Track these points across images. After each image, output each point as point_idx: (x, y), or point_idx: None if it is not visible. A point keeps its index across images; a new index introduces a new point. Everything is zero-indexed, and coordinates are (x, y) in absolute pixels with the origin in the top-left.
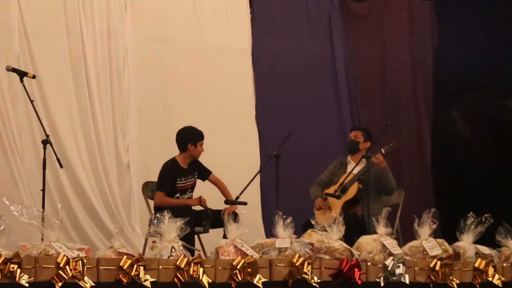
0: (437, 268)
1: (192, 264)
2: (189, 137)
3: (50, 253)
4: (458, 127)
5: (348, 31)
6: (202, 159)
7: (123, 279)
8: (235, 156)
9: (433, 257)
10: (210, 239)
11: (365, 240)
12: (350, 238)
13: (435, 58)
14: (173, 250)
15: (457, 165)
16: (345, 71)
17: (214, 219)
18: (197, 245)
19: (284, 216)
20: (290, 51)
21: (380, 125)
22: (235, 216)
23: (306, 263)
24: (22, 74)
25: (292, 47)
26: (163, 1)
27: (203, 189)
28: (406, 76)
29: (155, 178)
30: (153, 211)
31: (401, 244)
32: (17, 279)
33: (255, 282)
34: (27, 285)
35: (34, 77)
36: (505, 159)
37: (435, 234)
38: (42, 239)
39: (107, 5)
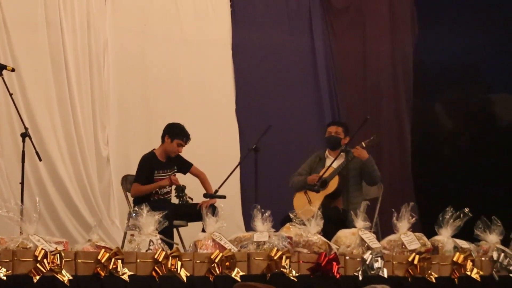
0: (416, 262)
1: (170, 257)
2: (170, 131)
3: (28, 247)
4: (439, 121)
5: (328, 24)
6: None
7: (101, 272)
8: (214, 149)
9: (412, 251)
10: (189, 232)
11: (343, 234)
12: (330, 232)
13: (416, 51)
14: (151, 243)
15: (438, 159)
16: (325, 64)
17: (193, 212)
18: (176, 238)
19: (263, 210)
20: (270, 43)
21: (360, 118)
22: (213, 210)
23: (284, 257)
24: (1, 67)
25: (272, 40)
26: None
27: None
28: (387, 69)
29: (134, 171)
30: (132, 205)
31: (380, 238)
32: None
33: (233, 275)
34: (4, 278)
35: (13, 70)
36: (486, 153)
37: (415, 228)
38: (20, 232)
39: None
